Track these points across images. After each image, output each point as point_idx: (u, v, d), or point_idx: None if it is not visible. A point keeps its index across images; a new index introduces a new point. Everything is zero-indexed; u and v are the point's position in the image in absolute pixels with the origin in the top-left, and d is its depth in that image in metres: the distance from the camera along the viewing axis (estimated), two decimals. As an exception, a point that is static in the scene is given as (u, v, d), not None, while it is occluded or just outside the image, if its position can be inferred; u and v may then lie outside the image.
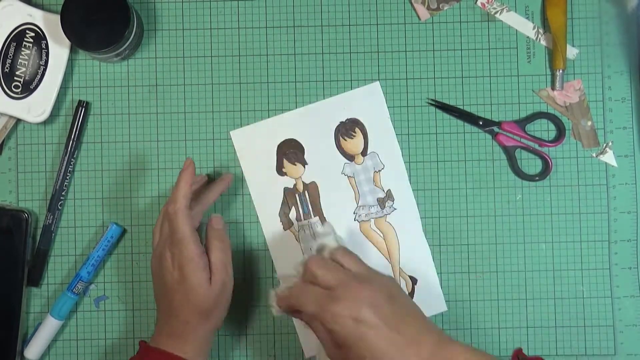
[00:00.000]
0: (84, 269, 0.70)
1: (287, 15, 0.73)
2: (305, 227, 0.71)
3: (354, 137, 0.71)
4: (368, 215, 0.71)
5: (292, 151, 0.71)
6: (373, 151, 0.71)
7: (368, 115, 0.71)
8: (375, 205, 0.71)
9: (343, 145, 0.71)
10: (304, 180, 0.71)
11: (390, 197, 0.71)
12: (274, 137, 0.71)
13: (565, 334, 0.72)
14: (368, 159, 0.71)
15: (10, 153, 0.72)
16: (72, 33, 0.67)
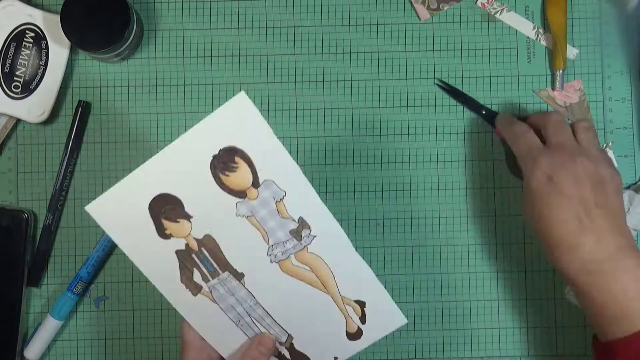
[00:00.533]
0: (84, 269, 0.70)
1: (287, 15, 0.73)
2: (217, 287, 0.60)
3: (237, 169, 0.56)
4: (285, 252, 0.59)
5: (170, 207, 0.57)
6: (266, 179, 0.57)
7: (246, 137, 0.56)
8: (290, 239, 0.59)
9: (226, 182, 0.57)
10: (195, 236, 0.58)
11: (305, 226, 0.59)
12: (140, 198, 0.57)
13: (565, 334, 0.72)
14: (263, 189, 0.57)
15: (10, 153, 0.72)
16: (72, 33, 0.67)
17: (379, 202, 0.72)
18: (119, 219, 0.57)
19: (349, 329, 0.63)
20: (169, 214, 0.57)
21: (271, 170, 0.57)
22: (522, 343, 0.72)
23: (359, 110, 0.73)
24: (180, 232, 0.58)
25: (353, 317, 0.62)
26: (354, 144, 0.73)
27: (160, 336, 0.72)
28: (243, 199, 0.57)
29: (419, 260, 0.72)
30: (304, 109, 0.73)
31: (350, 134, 0.73)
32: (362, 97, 0.73)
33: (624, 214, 0.60)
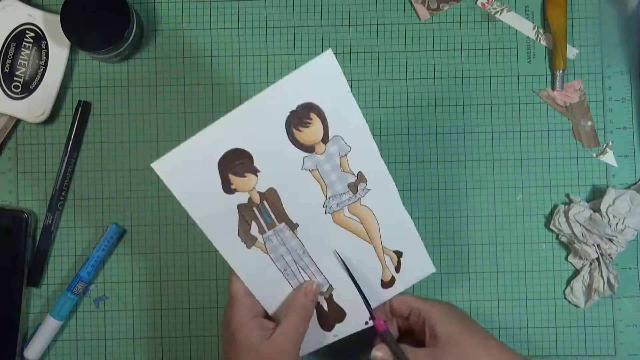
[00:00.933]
0: (84, 269, 0.70)
1: (287, 15, 0.73)
2: (271, 237, 0.62)
3: (310, 125, 0.59)
4: (340, 204, 0.62)
5: (239, 162, 0.59)
6: (336, 135, 0.60)
7: (324, 94, 0.59)
8: (346, 192, 0.62)
9: (298, 137, 0.59)
10: (259, 189, 0.60)
11: (363, 179, 0.62)
12: (210, 153, 0.58)
13: (566, 334, 0.72)
14: (331, 145, 0.60)
15: (10, 153, 0.72)
16: (72, 33, 0.67)
17: (379, 202, 0.72)
18: (184, 177, 0.58)
19: (384, 278, 0.65)
20: (237, 168, 0.59)
21: (341, 126, 0.60)
22: (522, 343, 0.72)
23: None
24: (246, 187, 0.60)
25: (389, 267, 0.65)
26: (354, 144, 0.73)
27: (160, 336, 0.72)
28: (310, 154, 0.60)
29: (419, 260, 0.72)
30: (304, 109, 0.73)
31: (350, 134, 0.73)
32: (362, 97, 0.73)
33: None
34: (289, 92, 0.58)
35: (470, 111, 0.73)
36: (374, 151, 0.61)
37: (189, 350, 0.72)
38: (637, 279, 0.72)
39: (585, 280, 0.71)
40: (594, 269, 0.71)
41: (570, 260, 0.72)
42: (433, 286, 0.72)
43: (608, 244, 0.70)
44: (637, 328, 0.72)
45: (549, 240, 0.72)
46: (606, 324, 0.72)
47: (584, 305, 0.72)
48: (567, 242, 0.71)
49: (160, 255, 0.72)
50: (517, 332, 0.72)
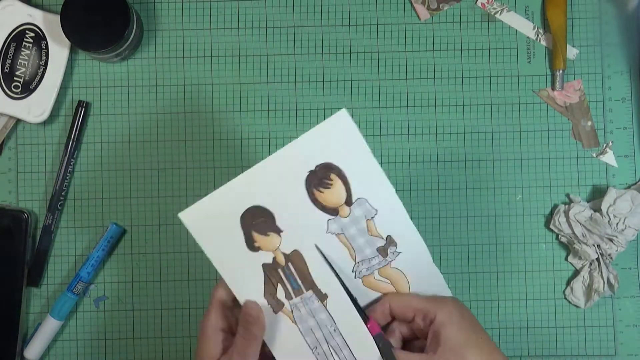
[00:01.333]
0: (84, 269, 0.70)
1: (287, 15, 0.73)
2: (299, 306, 0.59)
3: (332, 187, 0.57)
4: (370, 268, 0.59)
5: (261, 220, 0.58)
6: (360, 197, 0.57)
7: (342, 154, 0.56)
8: (376, 257, 0.58)
9: (319, 198, 0.57)
10: (284, 250, 0.58)
11: (392, 243, 0.58)
12: (233, 208, 0.57)
13: (566, 334, 0.72)
14: (356, 207, 0.57)
15: (10, 153, 0.72)
16: (72, 33, 0.67)
17: (379, 202, 0.72)
18: (210, 229, 0.57)
19: None
20: (260, 226, 0.57)
21: (365, 189, 0.57)
22: (522, 343, 0.72)
23: (359, 111, 0.73)
24: (269, 246, 0.58)
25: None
26: (354, 144, 0.73)
27: (160, 336, 0.72)
28: (334, 217, 0.57)
29: (419, 260, 0.72)
30: (303, 109, 0.73)
31: (350, 134, 0.73)
32: (362, 97, 0.73)
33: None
34: (306, 152, 0.56)
35: (470, 111, 0.73)
36: (402, 213, 0.58)
37: (189, 351, 0.72)
38: (637, 279, 0.72)
39: (585, 280, 0.71)
40: (593, 269, 0.71)
41: (570, 260, 0.72)
42: (433, 286, 0.72)
43: (608, 244, 0.70)
44: (637, 328, 0.72)
45: (549, 240, 0.72)
46: (606, 324, 0.72)
47: (584, 306, 0.72)
48: (567, 243, 0.71)
49: (160, 255, 0.72)
50: (517, 332, 0.72)
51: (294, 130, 0.72)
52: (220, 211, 0.57)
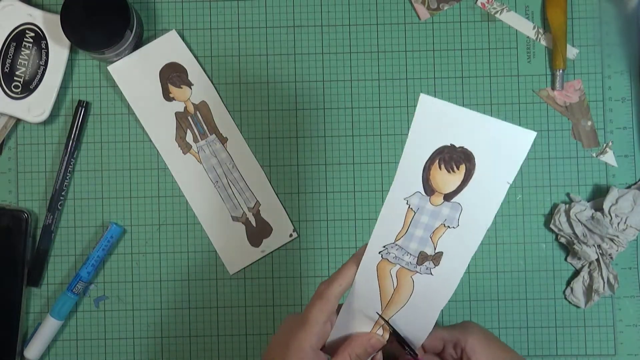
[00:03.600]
0: (84, 269, 0.70)
1: (287, 15, 0.73)
2: (204, 147, 0.71)
3: (453, 174, 0.51)
4: (397, 259, 0.54)
5: (176, 75, 0.71)
6: (459, 202, 0.51)
7: (490, 159, 0.50)
8: (413, 256, 0.53)
9: (433, 174, 0.51)
10: (193, 101, 0.71)
11: (437, 260, 0.53)
12: (153, 63, 0.71)
13: (566, 334, 0.72)
14: (447, 206, 0.52)
15: (10, 153, 0.72)
16: (72, 33, 0.67)
17: (379, 202, 0.72)
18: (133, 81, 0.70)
19: None
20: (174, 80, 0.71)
21: (471, 202, 0.51)
22: (522, 343, 0.72)
23: (359, 110, 0.73)
24: (182, 97, 0.71)
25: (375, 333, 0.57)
26: (354, 144, 0.73)
27: (160, 336, 0.72)
28: (425, 195, 0.52)
29: (419, 260, 0.72)
30: (303, 108, 0.73)
31: (350, 134, 0.73)
32: (362, 97, 0.73)
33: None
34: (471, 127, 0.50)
35: (470, 111, 0.73)
36: (471, 251, 0.52)
37: (189, 350, 0.72)
38: (637, 279, 0.72)
39: (585, 280, 0.71)
40: (593, 270, 0.71)
41: (570, 261, 0.72)
42: (433, 286, 0.72)
43: (609, 243, 0.70)
44: (637, 328, 0.72)
45: (548, 240, 0.72)
46: (606, 324, 0.72)
47: (584, 306, 0.72)
48: (567, 243, 0.71)
49: (160, 255, 0.72)
50: (517, 332, 0.72)
51: (294, 130, 0.72)
52: (143, 66, 0.70)
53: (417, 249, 0.53)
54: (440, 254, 0.53)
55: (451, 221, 0.52)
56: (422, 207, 0.52)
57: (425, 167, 0.51)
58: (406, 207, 0.53)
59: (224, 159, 0.72)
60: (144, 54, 0.71)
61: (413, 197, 0.52)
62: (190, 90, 0.72)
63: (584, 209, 0.70)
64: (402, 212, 0.53)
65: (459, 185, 0.51)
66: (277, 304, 0.72)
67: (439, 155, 0.51)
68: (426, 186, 0.52)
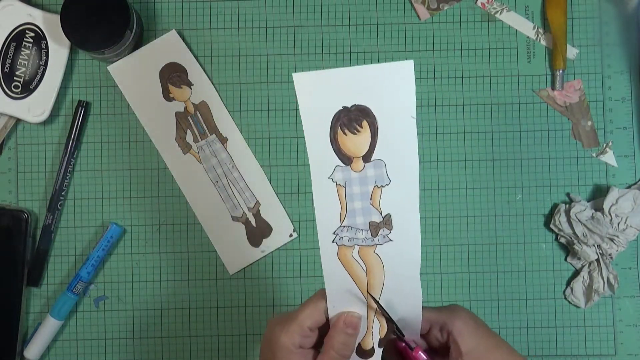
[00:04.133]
0: (84, 269, 0.70)
1: (287, 15, 0.73)
2: (204, 147, 0.71)
3: (359, 134, 0.50)
4: (352, 240, 0.52)
5: (176, 75, 0.71)
6: (379, 158, 0.51)
7: (386, 106, 0.50)
8: (365, 230, 0.52)
9: (340, 140, 0.50)
10: (193, 101, 0.71)
11: (388, 224, 0.52)
12: (154, 64, 0.71)
13: (566, 334, 0.72)
14: (371, 167, 0.51)
15: (10, 153, 0.72)
16: (72, 33, 0.67)
17: (379, 202, 0.72)
18: (134, 81, 0.70)
19: (363, 344, 0.56)
20: (174, 80, 0.71)
21: (390, 153, 0.50)
22: (522, 343, 0.72)
23: (359, 110, 0.73)
24: (182, 97, 0.71)
25: (374, 334, 0.55)
26: (354, 144, 0.72)
27: (160, 336, 0.72)
28: (345, 166, 0.51)
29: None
30: (304, 109, 0.73)
31: (350, 134, 0.73)
32: (362, 97, 0.73)
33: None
34: (352, 84, 0.49)
35: (470, 111, 0.73)
36: (414, 199, 0.51)
37: (189, 350, 0.72)
38: (637, 279, 0.72)
39: (585, 280, 0.71)
40: (593, 270, 0.71)
41: (570, 261, 0.72)
42: (433, 286, 0.72)
43: (609, 243, 0.70)
44: (637, 328, 0.72)
45: (548, 240, 0.72)
46: (606, 324, 0.72)
47: (584, 306, 0.72)
48: (567, 243, 0.71)
49: (160, 255, 0.72)
50: (517, 332, 0.72)
51: (294, 130, 0.72)
52: (143, 66, 0.71)
53: (365, 221, 0.52)
54: (389, 216, 0.52)
55: (381, 180, 0.51)
56: (348, 178, 0.51)
57: (331, 138, 0.51)
58: (334, 185, 0.51)
59: (224, 159, 0.72)
60: (144, 54, 0.71)
61: (335, 172, 0.51)
62: (190, 90, 0.71)
63: (584, 209, 0.70)
64: (333, 192, 0.52)
65: (371, 142, 0.51)
66: (277, 304, 0.72)
67: (337, 122, 0.50)
68: (341, 156, 0.51)
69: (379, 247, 0.53)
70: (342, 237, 0.53)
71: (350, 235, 0.53)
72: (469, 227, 0.72)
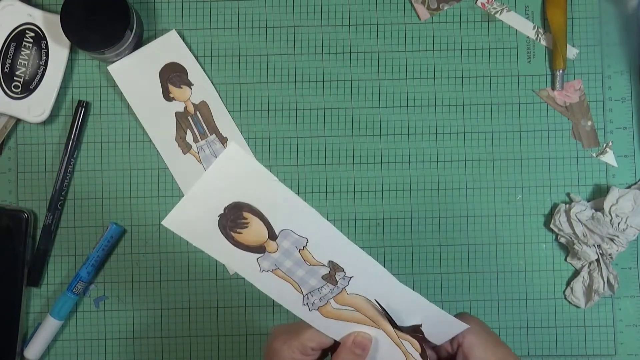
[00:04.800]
0: (84, 269, 0.70)
1: (287, 15, 0.73)
2: (204, 147, 0.71)
3: (249, 225, 0.51)
4: (322, 298, 0.53)
5: (176, 74, 0.71)
6: (283, 229, 0.51)
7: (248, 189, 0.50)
8: (324, 285, 0.53)
9: (240, 239, 0.51)
10: (193, 101, 0.71)
11: (337, 268, 0.53)
12: (153, 64, 0.71)
13: (566, 334, 0.72)
14: (282, 240, 0.51)
15: (10, 153, 0.72)
16: (72, 33, 0.67)
17: (379, 202, 0.72)
18: (133, 81, 0.70)
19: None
20: (174, 79, 0.70)
21: (286, 219, 0.51)
22: (522, 343, 0.72)
23: (359, 110, 0.73)
24: (182, 97, 0.71)
25: (412, 354, 0.56)
26: (354, 144, 0.73)
27: (160, 336, 0.72)
28: (263, 254, 0.52)
29: (419, 260, 0.72)
30: (303, 109, 0.73)
31: (350, 134, 0.73)
32: (362, 97, 0.73)
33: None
34: (210, 195, 0.50)
35: (470, 111, 0.73)
36: (338, 236, 0.52)
37: (189, 350, 0.72)
38: (637, 279, 0.72)
39: (585, 280, 0.71)
40: (593, 270, 0.71)
41: (570, 261, 0.72)
42: (433, 286, 0.72)
43: (609, 243, 0.70)
44: (637, 328, 0.72)
45: (548, 240, 0.72)
46: (606, 324, 0.72)
47: (584, 306, 0.72)
48: (566, 243, 0.71)
49: (160, 255, 0.72)
50: (517, 332, 0.72)
51: (294, 130, 0.72)
52: (143, 66, 0.70)
53: (318, 280, 0.53)
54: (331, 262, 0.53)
55: (299, 242, 0.52)
56: (275, 260, 0.52)
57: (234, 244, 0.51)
58: (270, 273, 0.53)
59: None
60: (144, 54, 0.71)
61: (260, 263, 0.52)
62: (190, 90, 0.71)
63: (584, 208, 0.70)
64: (275, 279, 0.53)
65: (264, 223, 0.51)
66: (277, 304, 0.72)
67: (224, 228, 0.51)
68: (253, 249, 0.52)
69: (347, 289, 0.53)
70: (313, 302, 0.53)
71: (318, 296, 0.53)
72: (469, 227, 0.72)
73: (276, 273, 0.53)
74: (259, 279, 0.53)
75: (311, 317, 0.54)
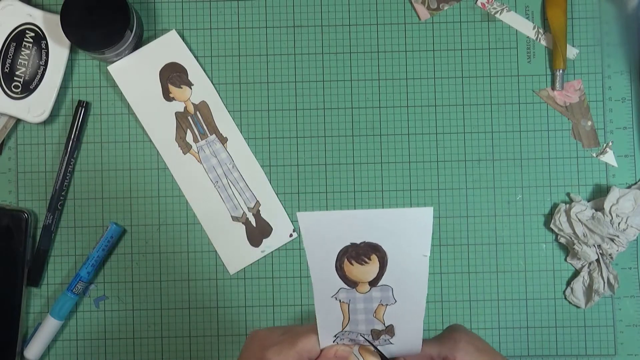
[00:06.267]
0: (84, 269, 0.70)
1: (287, 15, 0.73)
2: (204, 147, 0.71)
3: (366, 265, 0.50)
4: (353, 341, 0.53)
5: (176, 74, 0.71)
6: (386, 284, 0.50)
7: (398, 244, 0.49)
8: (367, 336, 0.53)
9: (347, 269, 0.50)
10: (193, 101, 0.71)
11: (390, 332, 0.52)
12: (154, 64, 0.71)
13: (566, 334, 0.72)
14: (377, 290, 0.51)
15: (10, 153, 0.72)
16: (72, 33, 0.67)
17: (378, 202, 0.72)
18: (134, 81, 0.71)
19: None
20: (174, 79, 0.71)
21: (397, 280, 0.50)
22: (522, 343, 0.72)
23: (359, 110, 0.73)
24: (182, 97, 0.71)
25: None
26: (354, 144, 0.73)
27: (160, 336, 0.72)
28: (350, 289, 0.50)
29: (419, 260, 0.72)
30: (303, 109, 0.73)
31: (350, 134, 0.73)
32: (362, 97, 0.73)
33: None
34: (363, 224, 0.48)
35: (470, 111, 0.73)
36: (420, 313, 0.51)
37: (189, 350, 0.72)
38: (637, 279, 0.72)
39: (586, 281, 0.71)
40: (593, 270, 0.71)
41: (570, 261, 0.72)
42: (433, 286, 0.72)
43: (609, 243, 0.70)
44: (637, 328, 0.72)
45: (548, 240, 0.72)
46: (606, 324, 0.72)
47: (584, 306, 0.72)
48: (566, 244, 0.71)
49: (160, 255, 0.72)
50: (517, 332, 0.72)
51: (294, 130, 0.72)
52: (143, 66, 0.71)
53: (367, 329, 0.52)
54: (392, 326, 0.52)
55: (387, 300, 0.51)
56: (353, 297, 0.51)
57: (337, 267, 0.50)
58: (337, 302, 0.51)
59: (224, 159, 0.72)
60: (144, 54, 0.71)
61: (339, 293, 0.51)
62: (190, 90, 0.71)
63: (585, 208, 0.70)
64: (336, 307, 0.51)
65: (379, 272, 0.50)
66: (277, 304, 0.72)
67: (344, 255, 0.49)
68: (347, 281, 0.50)
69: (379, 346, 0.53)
70: (344, 338, 0.53)
71: (352, 337, 0.53)
72: (469, 227, 0.72)
73: (342, 305, 0.52)
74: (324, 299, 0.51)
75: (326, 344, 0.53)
